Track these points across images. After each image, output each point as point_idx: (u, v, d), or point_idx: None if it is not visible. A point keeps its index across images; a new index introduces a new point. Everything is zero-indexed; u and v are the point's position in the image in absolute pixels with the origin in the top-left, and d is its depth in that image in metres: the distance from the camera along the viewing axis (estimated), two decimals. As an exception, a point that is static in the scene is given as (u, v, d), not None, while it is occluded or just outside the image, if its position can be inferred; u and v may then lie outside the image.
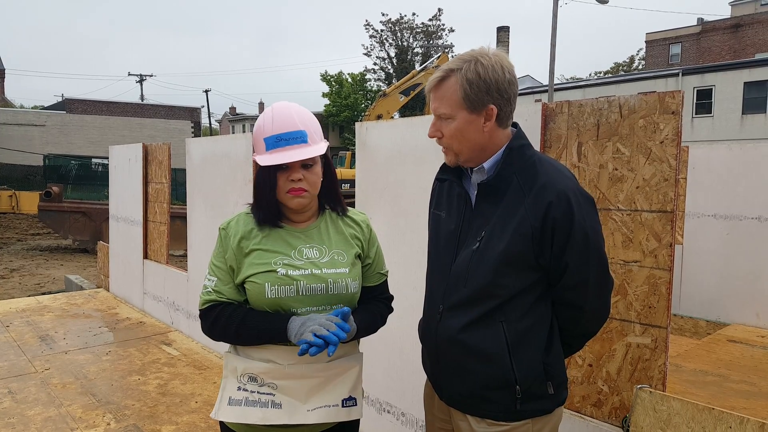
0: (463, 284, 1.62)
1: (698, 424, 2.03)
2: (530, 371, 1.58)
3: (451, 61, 1.61)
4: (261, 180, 1.70)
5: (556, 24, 20.82)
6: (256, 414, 1.63)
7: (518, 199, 1.56)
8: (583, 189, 1.61)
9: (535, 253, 1.55)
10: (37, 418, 3.71)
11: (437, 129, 1.64)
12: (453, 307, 1.64)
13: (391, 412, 3.24)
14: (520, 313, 1.58)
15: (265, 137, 1.66)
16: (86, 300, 7.08)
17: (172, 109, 35.40)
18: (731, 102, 26.16)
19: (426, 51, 42.58)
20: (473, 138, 1.60)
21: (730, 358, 4.84)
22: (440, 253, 1.74)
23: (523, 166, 1.59)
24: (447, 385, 1.70)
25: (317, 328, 1.54)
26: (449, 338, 1.64)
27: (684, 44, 37.74)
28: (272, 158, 1.63)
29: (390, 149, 3.25)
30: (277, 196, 1.68)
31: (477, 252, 1.59)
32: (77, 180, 25.31)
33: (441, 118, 1.62)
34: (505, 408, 1.59)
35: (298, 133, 1.65)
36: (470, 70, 1.54)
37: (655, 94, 2.18)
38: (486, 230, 1.59)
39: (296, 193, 1.67)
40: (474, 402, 1.63)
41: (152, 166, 6.31)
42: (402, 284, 2.99)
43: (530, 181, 1.56)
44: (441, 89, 1.59)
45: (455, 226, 1.69)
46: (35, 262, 13.37)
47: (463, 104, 1.56)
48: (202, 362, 4.83)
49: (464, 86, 1.55)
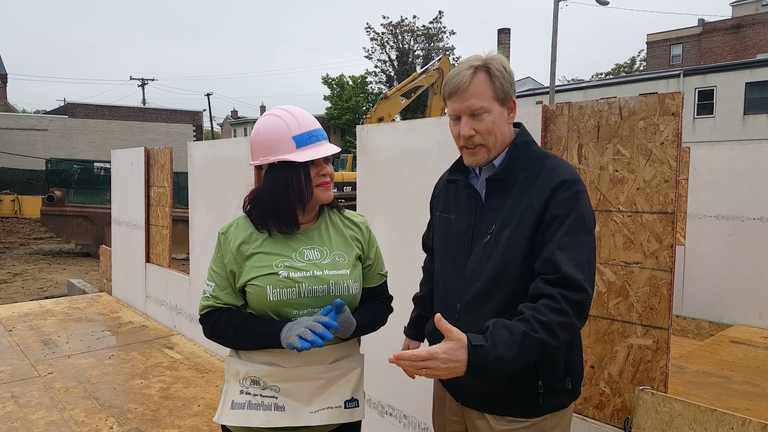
0: (477, 278, 1.63)
1: (700, 425, 2.02)
2: (553, 367, 1.60)
3: (468, 59, 1.64)
4: (286, 182, 1.65)
5: (556, 26, 20.84)
6: (259, 417, 1.64)
7: (524, 190, 1.60)
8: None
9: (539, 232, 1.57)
10: (40, 422, 3.72)
11: (471, 127, 1.62)
12: (470, 303, 1.64)
13: (394, 415, 3.24)
14: None
15: (295, 135, 1.65)
16: (89, 304, 7.09)
17: (174, 112, 35.45)
18: (733, 103, 26.12)
19: (427, 54, 42.62)
20: (505, 131, 1.66)
21: (733, 360, 4.82)
22: (454, 254, 1.74)
23: (529, 161, 1.64)
24: (466, 385, 1.67)
25: (303, 332, 1.54)
26: None
27: (685, 45, 37.71)
28: (312, 153, 1.65)
29: (391, 152, 3.26)
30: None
31: (488, 244, 1.62)
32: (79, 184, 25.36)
33: (474, 115, 1.61)
34: (526, 404, 1.60)
35: (321, 130, 1.72)
36: (497, 62, 1.61)
37: (654, 95, 2.19)
38: (496, 223, 1.62)
39: (328, 185, 1.72)
40: (494, 400, 1.63)
41: (154, 170, 6.32)
42: (404, 286, 2.99)
43: (536, 173, 1.60)
44: (473, 85, 1.60)
45: (467, 225, 1.71)
46: (38, 266, 13.39)
47: (497, 97, 1.61)
48: (205, 365, 4.84)
49: (497, 78, 1.60)
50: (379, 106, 18.23)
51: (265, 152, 1.67)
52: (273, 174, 1.68)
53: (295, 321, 1.60)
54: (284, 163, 1.65)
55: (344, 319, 1.63)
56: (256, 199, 1.73)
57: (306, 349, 1.52)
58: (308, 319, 1.59)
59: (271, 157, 1.66)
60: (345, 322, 1.63)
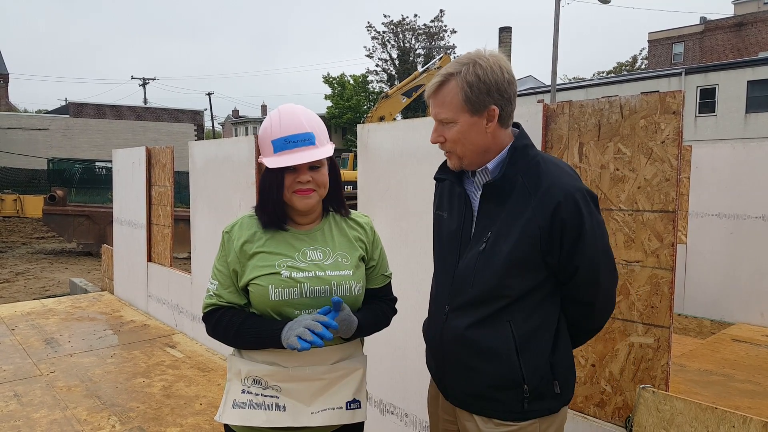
0: (469, 285, 1.61)
1: (701, 423, 2.03)
2: (538, 370, 1.58)
3: (448, 65, 1.60)
4: (267, 182, 1.69)
5: (558, 24, 20.81)
6: (260, 417, 1.64)
7: (524, 200, 1.55)
8: (585, 186, 1.61)
9: (543, 252, 1.55)
10: (42, 420, 3.73)
11: (440, 134, 1.63)
12: (459, 307, 1.64)
13: (395, 413, 3.24)
14: (527, 312, 1.59)
15: (273, 139, 1.65)
16: (91, 303, 7.11)
17: (175, 112, 35.48)
18: (735, 101, 26.08)
19: (428, 52, 42.63)
20: (476, 140, 1.59)
21: (734, 358, 4.82)
22: (444, 254, 1.75)
23: (527, 166, 1.59)
24: (453, 385, 1.69)
25: (302, 332, 1.53)
26: (455, 338, 1.64)
27: (687, 43, 37.64)
28: (280, 160, 1.63)
29: (392, 151, 3.26)
30: (284, 197, 1.68)
31: (483, 253, 1.59)
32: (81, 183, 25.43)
33: (443, 123, 1.61)
34: (512, 408, 1.59)
35: (306, 135, 1.65)
36: (469, 72, 1.54)
37: (655, 94, 2.19)
38: (492, 231, 1.59)
39: (304, 193, 1.67)
40: (481, 402, 1.63)
41: (155, 170, 6.33)
42: (405, 286, 3.00)
43: (535, 182, 1.56)
44: (441, 94, 1.59)
45: (456, 226, 1.69)
46: (40, 265, 13.41)
47: (464, 107, 1.56)
48: (207, 364, 4.85)
49: (465, 89, 1.54)
50: (380, 105, 18.24)
51: (260, 151, 1.72)
52: (262, 173, 1.73)
53: (295, 320, 1.60)
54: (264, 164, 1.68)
55: (344, 317, 1.62)
56: None
57: (305, 349, 1.52)
58: (307, 317, 1.59)
59: (261, 156, 1.70)
60: (345, 321, 1.62)
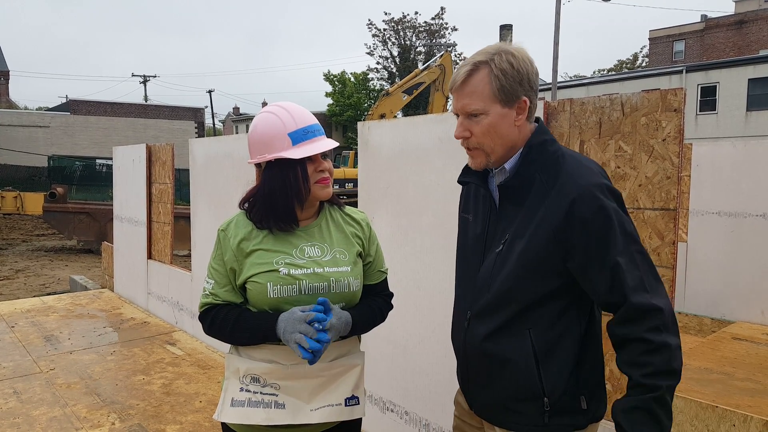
0: (487, 289, 1.55)
1: (702, 422, 2.02)
2: (559, 383, 1.49)
3: (475, 54, 1.51)
4: (291, 177, 1.64)
5: (559, 22, 20.77)
6: (259, 415, 1.63)
7: (540, 198, 1.47)
8: (608, 182, 1.47)
9: (562, 256, 1.44)
10: (42, 417, 3.73)
11: (466, 128, 1.52)
12: (479, 313, 1.58)
13: (395, 411, 3.24)
14: (548, 321, 1.50)
15: (290, 132, 1.64)
16: (91, 300, 7.11)
17: (176, 109, 35.48)
18: (736, 99, 26.04)
19: (429, 50, 42.53)
20: (506, 134, 1.50)
21: (735, 356, 4.82)
22: (468, 258, 1.68)
23: (546, 163, 1.49)
24: (476, 394, 1.65)
25: (300, 338, 1.53)
26: (476, 346, 1.58)
27: (688, 41, 37.56)
28: (308, 149, 1.63)
29: (392, 148, 3.25)
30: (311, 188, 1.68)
31: (500, 255, 1.53)
32: (81, 181, 25.44)
33: (470, 116, 1.50)
34: (532, 421, 1.51)
35: (317, 125, 1.70)
36: (503, 60, 1.45)
37: (656, 91, 2.18)
38: (510, 232, 1.52)
39: (326, 182, 1.70)
40: (502, 413, 1.57)
41: (156, 167, 6.33)
42: (405, 283, 2.99)
43: (553, 178, 1.46)
44: (470, 84, 1.49)
45: (481, 229, 1.62)
46: (40, 262, 13.42)
47: (496, 97, 1.46)
48: (206, 362, 4.85)
49: (499, 76, 1.45)
50: (381, 102, 18.20)
51: (262, 150, 1.67)
52: (270, 172, 1.67)
53: (289, 313, 1.58)
54: (281, 160, 1.64)
55: (337, 316, 1.61)
56: (255, 197, 1.72)
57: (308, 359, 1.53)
58: (301, 315, 1.56)
59: (267, 154, 1.65)
60: (338, 320, 1.61)
